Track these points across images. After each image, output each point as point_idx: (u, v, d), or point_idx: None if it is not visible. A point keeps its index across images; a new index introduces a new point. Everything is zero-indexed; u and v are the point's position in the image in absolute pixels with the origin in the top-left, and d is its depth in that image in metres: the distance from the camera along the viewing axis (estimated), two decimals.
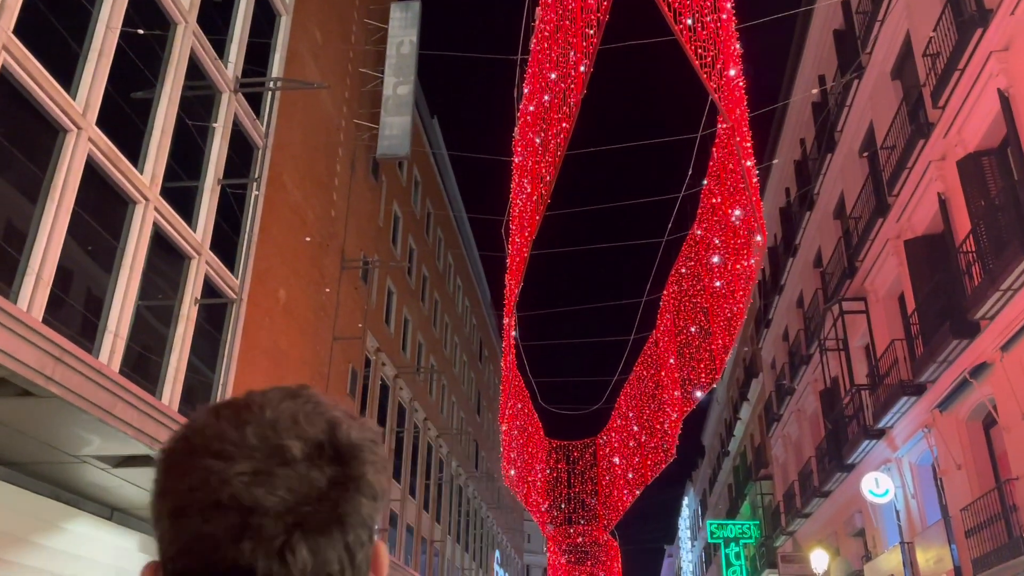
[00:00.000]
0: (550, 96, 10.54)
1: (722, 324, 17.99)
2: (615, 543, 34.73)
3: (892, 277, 17.91)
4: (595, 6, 9.34)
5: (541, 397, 37.90)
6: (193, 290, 13.65)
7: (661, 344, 22.03)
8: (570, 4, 10.05)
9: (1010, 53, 12.45)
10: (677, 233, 19.89)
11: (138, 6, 12.20)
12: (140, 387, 8.35)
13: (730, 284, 16.77)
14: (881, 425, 17.73)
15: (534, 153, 11.40)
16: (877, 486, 17.54)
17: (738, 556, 35.18)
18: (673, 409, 21.77)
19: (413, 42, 23.94)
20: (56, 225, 10.37)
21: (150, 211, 12.42)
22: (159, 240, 12.90)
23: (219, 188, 14.49)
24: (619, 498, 28.04)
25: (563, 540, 33.60)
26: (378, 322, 25.27)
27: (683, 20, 9.04)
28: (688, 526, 65.02)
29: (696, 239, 18.51)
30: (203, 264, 13.99)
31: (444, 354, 35.32)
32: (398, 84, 23.47)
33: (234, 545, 0.69)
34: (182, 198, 13.59)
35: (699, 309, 19.35)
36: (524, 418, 26.27)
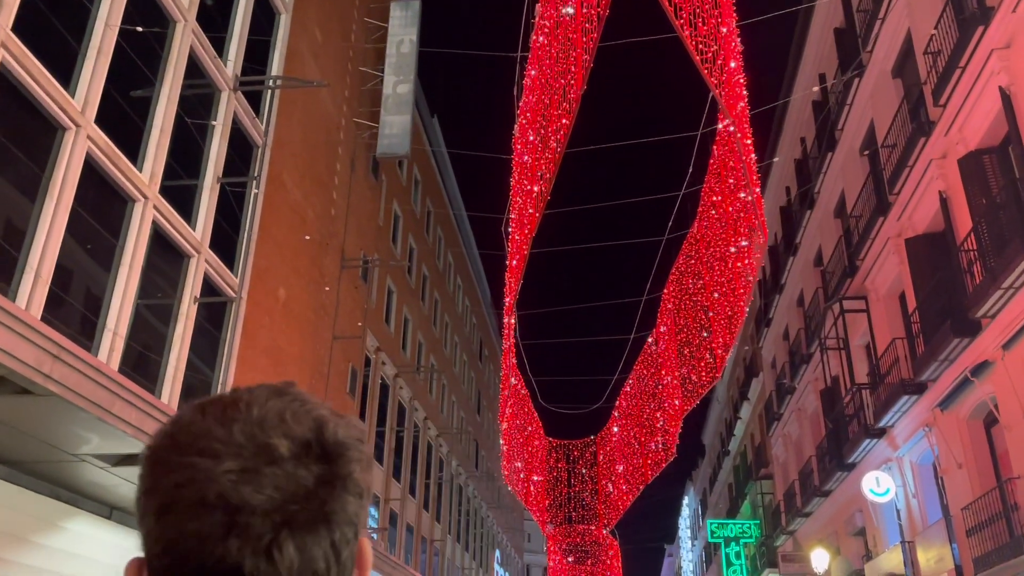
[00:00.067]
0: (550, 92, 10.52)
1: (723, 322, 17.95)
2: (615, 542, 34.69)
3: (893, 276, 17.88)
4: (595, 1, 9.32)
5: (541, 396, 37.87)
6: (192, 289, 13.63)
7: (661, 343, 21.99)
8: (570, 1, 10.03)
9: (1011, 51, 12.42)
10: (678, 232, 19.86)
11: (137, 4, 12.17)
12: (139, 385, 8.33)
13: (731, 282, 16.73)
14: (882, 424, 17.70)
15: (534, 150, 11.38)
16: (878, 485, 17.51)
17: (738, 555, 35.16)
18: (673, 408, 21.74)
19: (413, 41, 23.92)
20: (55, 223, 10.35)
21: (149, 209, 12.40)
22: (158, 238, 12.88)
23: (218, 186, 14.47)
24: (619, 497, 28.00)
25: (563, 539, 33.57)
26: (378, 321, 25.25)
27: (684, 15, 9.02)
28: (688, 525, 65.01)
29: (696, 237, 18.48)
30: (202, 262, 13.97)
31: (444, 353, 35.30)
32: (398, 83, 23.44)
33: (221, 543, 0.69)
34: (181, 196, 13.56)
35: (700, 308, 19.31)
36: (524, 417, 26.23)
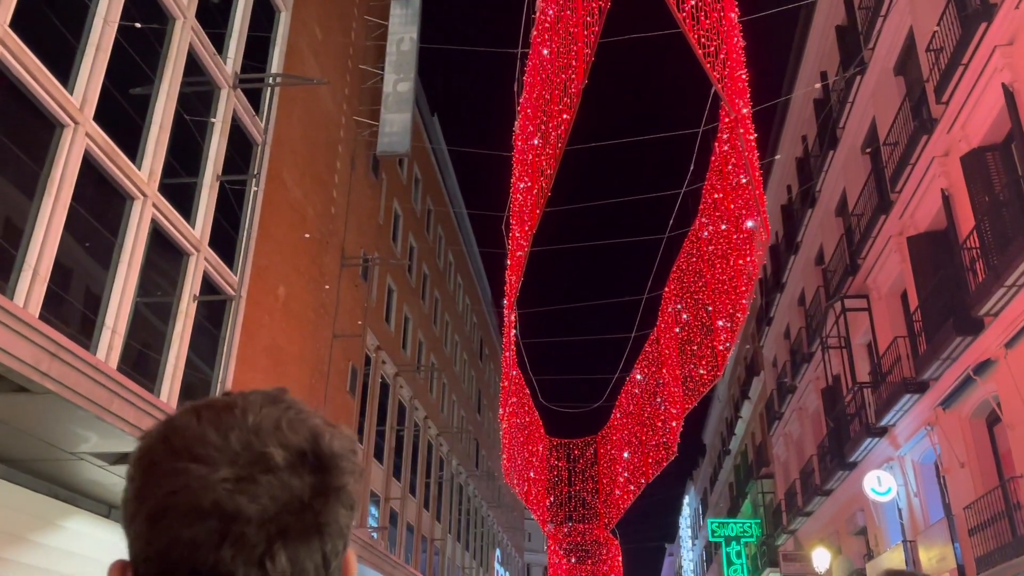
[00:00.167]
0: (551, 87, 10.47)
1: (724, 321, 17.90)
2: (616, 541, 34.66)
3: (895, 274, 17.82)
4: None
5: (542, 395, 37.83)
6: (192, 287, 13.58)
7: (662, 341, 21.94)
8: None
9: (1015, 47, 12.36)
10: (679, 229, 19.80)
11: (136, 0, 12.12)
12: (138, 384, 8.28)
13: (732, 280, 16.68)
14: (883, 423, 17.64)
15: (534, 146, 11.32)
16: (879, 484, 17.46)
17: (739, 555, 35.12)
18: (674, 407, 21.69)
19: (413, 39, 23.86)
20: (53, 221, 10.30)
21: (148, 207, 12.35)
22: (157, 236, 12.83)
23: (218, 184, 14.42)
24: (620, 496, 27.96)
25: (564, 539, 33.54)
26: (378, 320, 25.20)
27: (686, 8, 8.96)
28: (689, 525, 64.97)
29: (698, 235, 18.43)
30: (202, 261, 13.92)
31: (444, 352, 35.26)
32: (398, 81, 23.38)
33: (215, 551, 0.69)
34: (181, 194, 13.52)
35: (701, 306, 19.25)
36: (524, 416, 26.18)
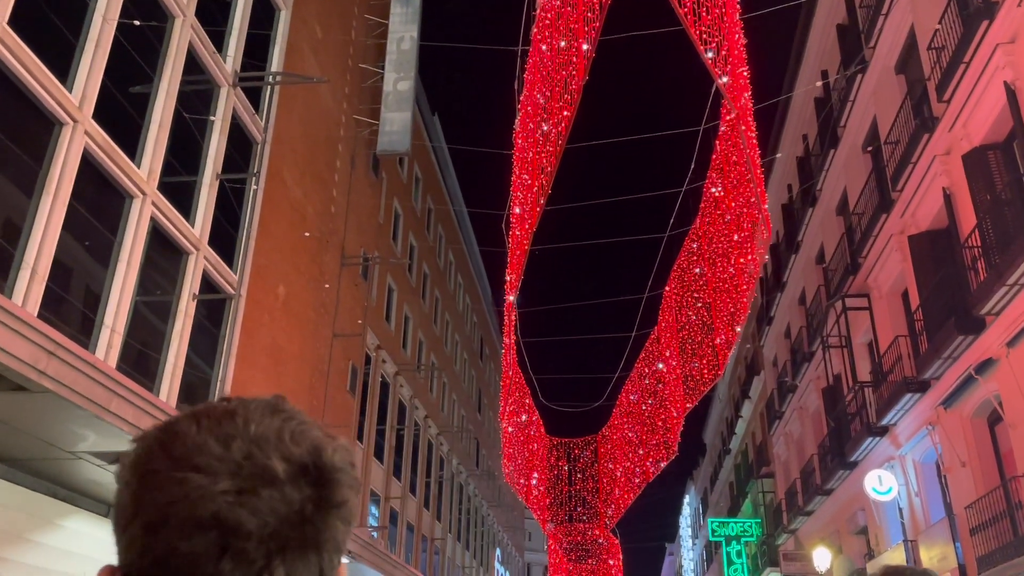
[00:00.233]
0: (551, 84, 10.42)
1: (725, 319, 17.86)
2: (616, 541, 34.62)
3: (896, 273, 17.79)
4: None
5: (542, 394, 37.77)
6: (191, 286, 13.54)
7: (663, 340, 21.91)
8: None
9: (1017, 45, 12.32)
10: (680, 228, 19.76)
11: None
12: (137, 383, 8.25)
13: (733, 279, 16.64)
14: (884, 422, 17.61)
15: (535, 144, 11.28)
16: (880, 484, 17.42)
17: (739, 554, 35.10)
18: (675, 406, 21.65)
19: (414, 38, 23.80)
20: (52, 219, 10.26)
21: (147, 206, 12.32)
22: (157, 235, 12.79)
23: (218, 183, 14.38)
24: (620, 496, 27.92)
25: (564, 538, 33.50)
26: (378, 319, 25.17)
27: (687, 4, 8.93)
28: (689, 524, 64.94)
29: (698, 233, 18.39)
30: (201, 259, 13.89)
31: (445, 352, 35.22)
32: (398, 80, 23.32)
33: (214, 564, 0.69)
34: (180, 193, 13.48)
35: (702, 305, 19.21)
36: (525, 415, 26.15)
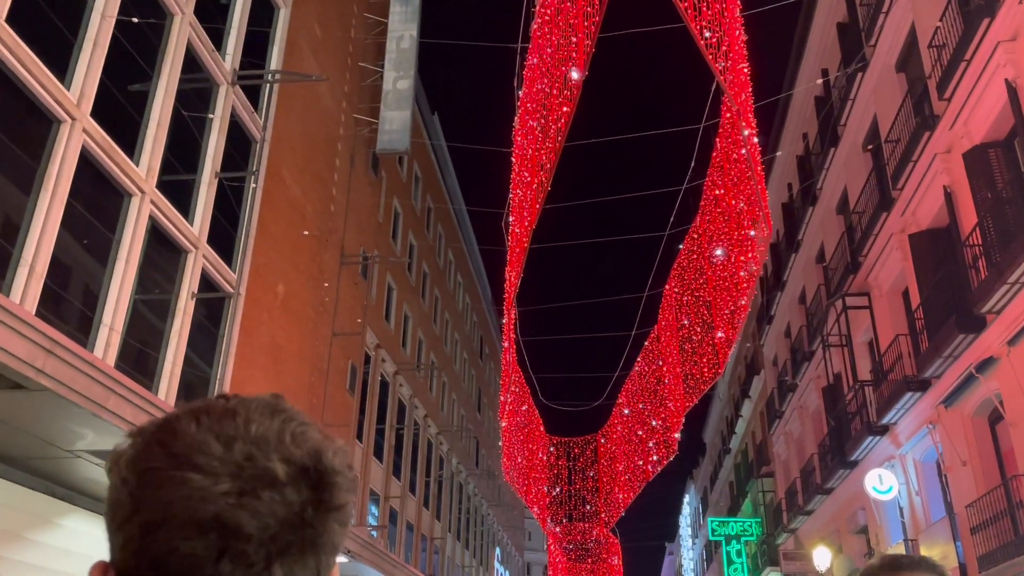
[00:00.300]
0: (551, 81, 10.39)
1: (725, 318, 17.83)
2: (616, 540, 34.61)
3: (896, 272, 17.75)
4: None
5: (542, 393, 37.75)
6: (190, 284, 13.51)
7: (663, 339, 21.88)
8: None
9: (1018, 43, 12.29)
10: (680, 227, 19.73)
11: None
12: (136, 382, 8.21)
13: (733, 277, 16.61)
14: (885, 421, 17.58)
15: (534, 141, 11.25)
16: (881, 483, 17.39)
17: (739, 554, 35.07)
18: (675, 405, 21.63)
19: (413, 36, 23.77)
20: (50, 217, 10.22)
21: (146, 204, 12.28)
22: (155, 233, 12.76)
23: (216, 181, 14.34)
24: (620, 495, 27.91)
25: (564, 538, 33.49)
26: (378, 318, 25.14)
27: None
28: (689, 523, 64.93)
29: (699, 232, 18.36)
30: (200, 258, 13.85)
31: (444, 351, 35.19)
32: (398, 79, 23.29)
33: (213, 565, 0.69)
34: (179, 191, 13.44)
35: (702, 303, 19.18)
36: (524, 414, 26.12)
